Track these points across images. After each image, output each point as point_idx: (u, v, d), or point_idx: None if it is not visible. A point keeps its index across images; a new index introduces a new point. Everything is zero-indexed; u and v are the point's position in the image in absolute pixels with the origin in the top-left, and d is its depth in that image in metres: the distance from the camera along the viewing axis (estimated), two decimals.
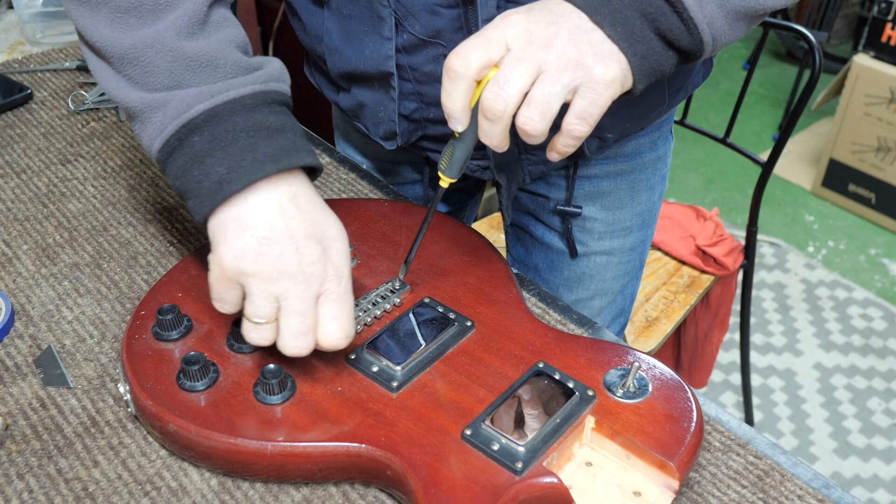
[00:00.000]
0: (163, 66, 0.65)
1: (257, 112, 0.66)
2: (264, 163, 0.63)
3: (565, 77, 0.59)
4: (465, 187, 1.09)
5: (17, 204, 0.93)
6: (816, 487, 0.65)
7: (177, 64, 0.65)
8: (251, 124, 0.65)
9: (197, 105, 0.64)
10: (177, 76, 0.65)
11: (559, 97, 0.59)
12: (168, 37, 0.65)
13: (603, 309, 1.07)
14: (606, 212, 0.99)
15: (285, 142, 0.65)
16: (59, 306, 0.80)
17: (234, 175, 0.63)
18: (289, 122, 0.67)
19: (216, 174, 0.63)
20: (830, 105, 3.00)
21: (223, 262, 0.62)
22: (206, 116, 0.64)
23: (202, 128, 0.64)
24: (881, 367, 2.20)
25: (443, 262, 0.78)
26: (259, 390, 0.65)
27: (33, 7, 1.24)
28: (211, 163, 0.64)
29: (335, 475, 0.64)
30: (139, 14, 0.66)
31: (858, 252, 2.60)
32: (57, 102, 1.11)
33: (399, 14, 0.78)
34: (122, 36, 0.66)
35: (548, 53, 0.59)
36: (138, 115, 0.66)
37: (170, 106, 0.65)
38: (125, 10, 0.66)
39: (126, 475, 0.65)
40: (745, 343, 1.86)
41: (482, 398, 0.65)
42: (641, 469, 0.63)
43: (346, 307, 0.64)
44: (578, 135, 0.62)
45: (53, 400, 0.71)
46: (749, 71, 1.54)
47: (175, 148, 0.65)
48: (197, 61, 0.65)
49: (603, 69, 0.60)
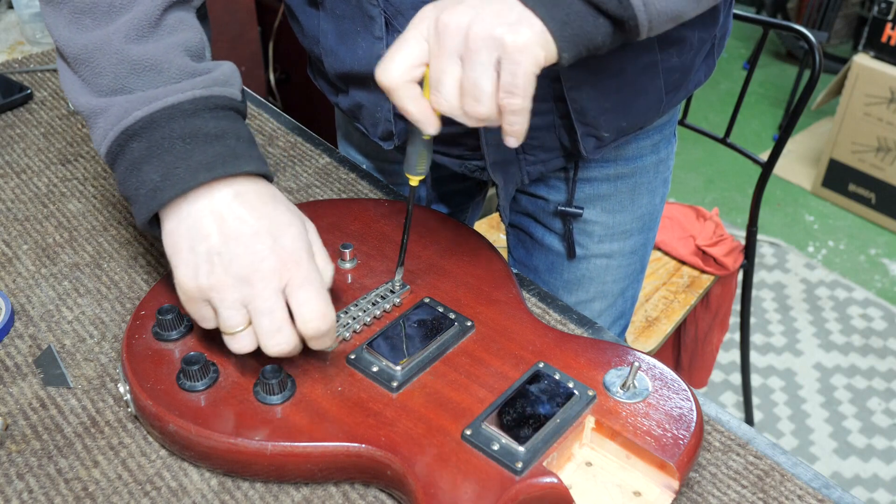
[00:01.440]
0: (109, 68, 0.65)
1: (196, 118, 0.64)
2: (197, 171, 0.62)
3: (482, 55, 0.57)
4: (466, 189, 1.09)
5: (17, 204, 0.93)
6: (816, 487, 0.65)
7: (121, 67, 0.65)
8: (188, 131, 0.63)
9: (135, 111, 0.64)
10: (121, 79, 0.65)
11: (485, 77, 0.58)
12: (116, 39, 0.65)
13: (603, 311, 1.07)
14: (606, 215, 0.98)
15: (223, 149, 0.63)
16: (59, 306, 0.80)
17: (167, 183, 0.62)
18: (231, 128, 0.65)
19: (151, 182, 0.63)
20: (830, 105, 3.00)
21: (182, 285, 0.63)
22: (144, 123, 0.64)
23: (140, 134, 0.64)
24: (881, 367, 2.20)
25: (443, 262, 0.78)
26: (259, 390, 0.65)
27: (33, 7, 1.24)
28: (147, 170, 0.63)
29: (335, 475, 0.64)
30: (94, 15, 0.65)
31: (858, 252, 2.60)
32: (57, 102, 1.11)
33: (388, 13, 0.78)
34: (77, 36, 0.65)
35: (458, 37, 0.58)
36: (88, 119, 0.66)
37: (111, 111, 0.65)
38: (82, 11, 0.65)
39: (126, 475, 0.65)
40: (745, 343, 1.86)
41: (482, 398, 0.65)
42: (641, 469, 0.63)
43: (312, 290, 0.62)
44: (513, 108, 0.59)
45: (53, 400, 0.71)
46: (749, 71, 1.54)
47: (117, 154, 0.65)
48: (141, 65, 0.65)
49: (513, 37, 0.57)
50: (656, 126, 0.95)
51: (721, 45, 0.93)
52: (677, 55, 0.85)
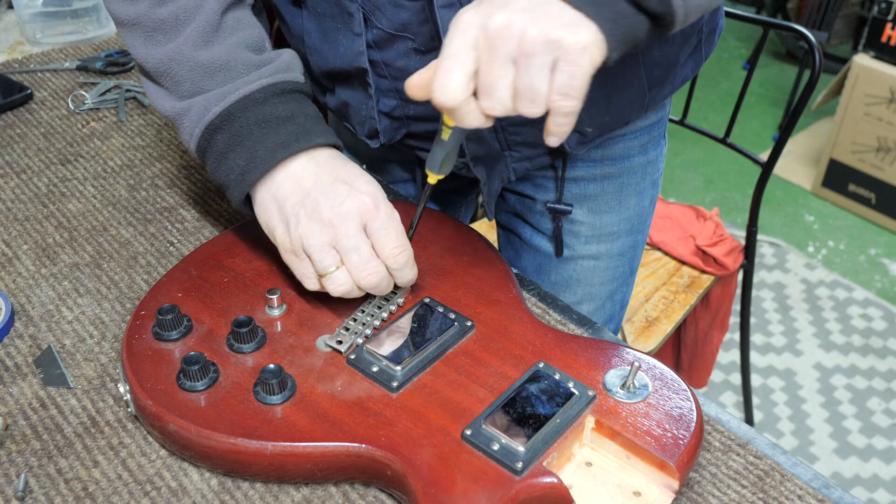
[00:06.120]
0: (185, 75, 0.73)
1: (267, 105, 0.72)
2: (276, 150, 0.70)
3: (538, 58, 0.57)
4: (457, 187, 1.09)
5: (17, 204, 0.93)
6: (816, 487, 0.65)
7: (195, 73, 0.73)
8: (261, 117, 0.72)
9: (214, 108, 0.72)
10: (197, 83, 0.73)
11: (540, 80, 0.58)
12: (186, 49, 0.73)
13: (592, 314, 1.06)
14: (593, 215, 0.97)
15: (295, 127, 0.72)
16: (59, 306, 0.80)
17: (252, 166, 0.71)
18: (298, 108, 0.73)
19: (238, 167, 0.71)
20: (830, 105, 3.00)
21: (281, 242, 0.70)
22: (223, 116, 0.72)
23: (221, 127, 0.72)
24: (881, 367, 2.20)
25: (443, 262, 0.78)
26: (259, 390, 0.65)
27: (33, 7, 1.24)
28: (233, 157, 0.72)
29: (335, 475, 0.64)
30: (164, 31, 0.74)
31: (858, 252, 2.60)
32: (57, 102, 1.11)
33: (366, 9, 0.79)
34: (153, 51, 0.74)
35: (512, 41, 0.57)
36: (174, 121, 0.75)
37: (193, 111, 0.73)
38: (153, 29, 0.74)
39: (126, 475, 0.65)
40: (745, 343, 1.86)
41: (482, 398, 0.65)
42: (641, 469, 0.63)
43: (391, 227, 0.69)
44: (567, 111, 0.59)
45: (53, 400, 0.71)
46: (749, 71, 1.54)
47: (205, 148, 0.74)
48: (212, 67, 0.73)
49: (572, 38, 0.57)
50: (644, 127, 0.94)
51: (710, 42, 0.92)
52: (659, 49, 0.84)
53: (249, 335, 0.68)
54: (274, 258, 0.77)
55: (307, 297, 0.74)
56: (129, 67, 1.18)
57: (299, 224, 0.68)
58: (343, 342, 0.69)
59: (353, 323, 0.71)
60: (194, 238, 0.88)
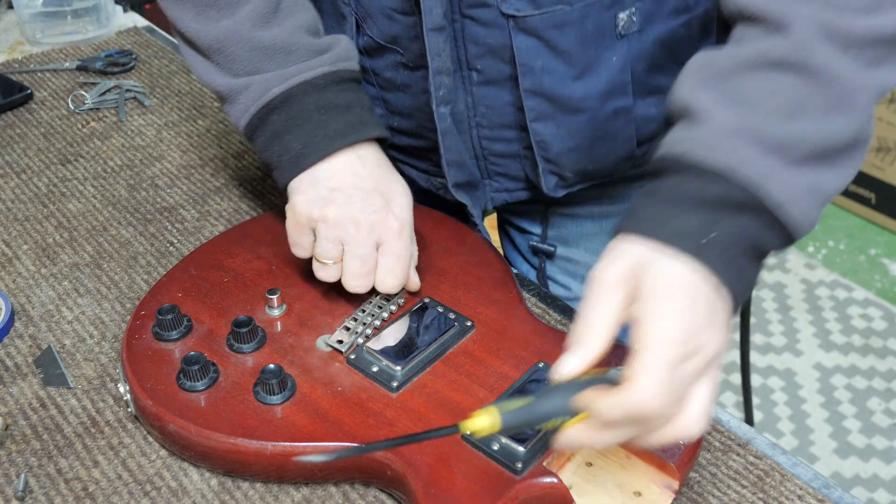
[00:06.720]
0: (243, 55, 0.73)
1: (327, 91, 0.73)
2: (334, 139, 0.71)
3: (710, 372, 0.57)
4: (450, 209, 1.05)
5: (17, 204, 0.93)
6: (816, 487, 0.65)
7: (254, 53, 0.72)
8: (322, 103, 0.72)
9: (274, 88, 0.72)
10: (256, 63, 0.73)
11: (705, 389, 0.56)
12: (245, 28, 0.72)
13: None
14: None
15: (353, 118, 0.72)
16: (59, 306, 0.80)
17: (309, 150, 0.71)
18: (356, 99, 0.74)
19: (293, 149, 0.71)
20: None
21: (297, 209, 0.70)
22: (283, 98, 0.72)
23: (279, 108, 0.72)
24: (881, 367, 2.20)
25: (443, 262, 0.78)
26: (259, 390, 0.65)
27: (33, 7, 1.24)
28: (289, 139, 0.72)
29: (335, 475, 0.64)
30: (219, 7, 0.73)
31: (858, 252, 2.60)
32: (57, 102, 1.11)
33: (359, 14, 0.79)
34: (206, 28, 0.73)
35: None
36: (226, 97, 0.75)
37: (251, 89, 0.73)
38: (206, 5, 0.73)
39: (126, 475, 0.65)
40: (745, 343, 1.86)
41: (482, 398, 0.65)
42: (641, 469, 0.63)
43: (402, 262, 0.71)
44: None
45: (53, 400, 0.71)
46: None
47: (258, 126, 0.73)
48: (272, 49, 0.72)
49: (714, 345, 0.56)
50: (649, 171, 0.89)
51: None
52: (656, 106, 0.79)
53: (249, 335, 0.68)
54: (274, 258, 0.77)
55: (307, 297, 0.74)
56: (130, 67, 1.18)
57: (326, 207, 0.69)
58: (343, 342, 0.69)
59: (354, 323, 0.71)
60: (194, 238, 0.88)
